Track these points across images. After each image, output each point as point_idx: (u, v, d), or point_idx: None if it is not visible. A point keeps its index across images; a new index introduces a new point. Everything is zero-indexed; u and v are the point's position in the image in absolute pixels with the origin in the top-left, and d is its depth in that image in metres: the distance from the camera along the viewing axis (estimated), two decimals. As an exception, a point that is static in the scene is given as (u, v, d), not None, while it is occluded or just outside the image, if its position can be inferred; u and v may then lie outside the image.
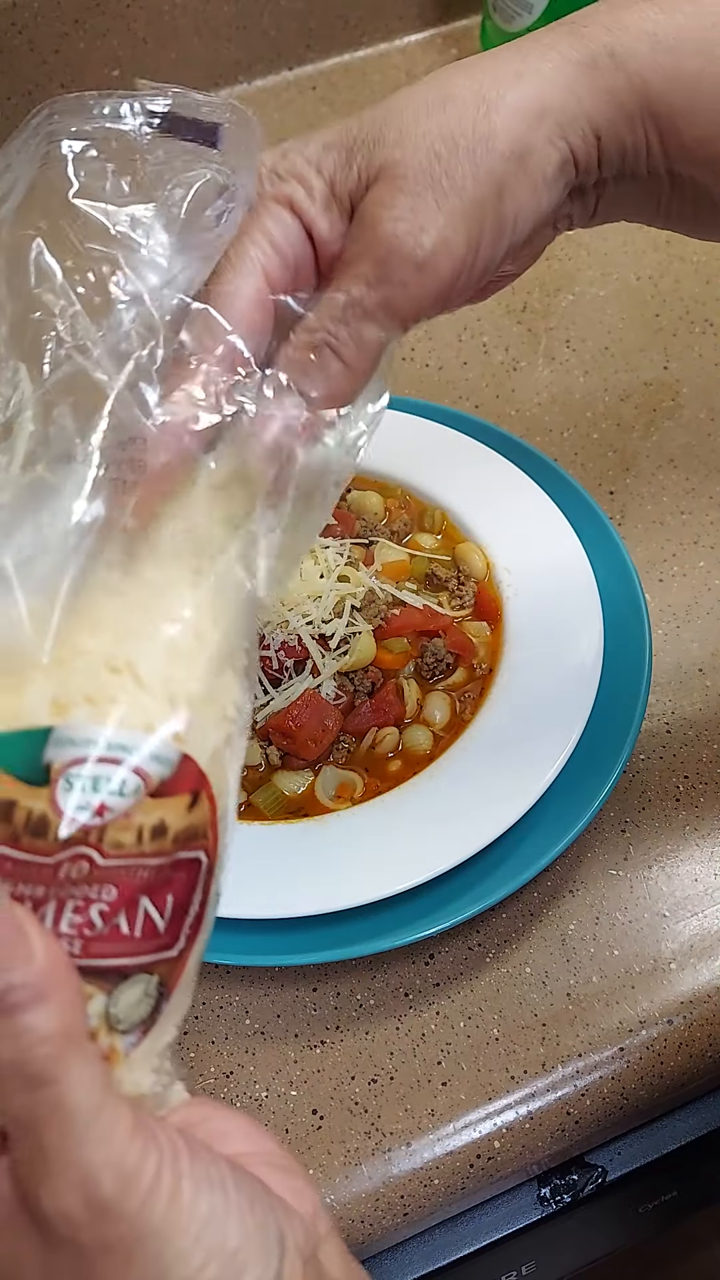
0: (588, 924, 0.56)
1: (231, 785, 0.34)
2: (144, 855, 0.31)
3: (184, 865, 0.32)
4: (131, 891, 0.31)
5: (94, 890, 0.30)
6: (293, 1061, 0.51)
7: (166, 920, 0.31)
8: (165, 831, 0.31)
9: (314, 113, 0.93)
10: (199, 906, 0.32)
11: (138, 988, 0.31)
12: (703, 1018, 0.53)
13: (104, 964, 0.31)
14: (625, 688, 0.58)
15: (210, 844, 0.32)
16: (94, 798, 0.30)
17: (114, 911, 0.31)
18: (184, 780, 0.31)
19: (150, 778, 0.31)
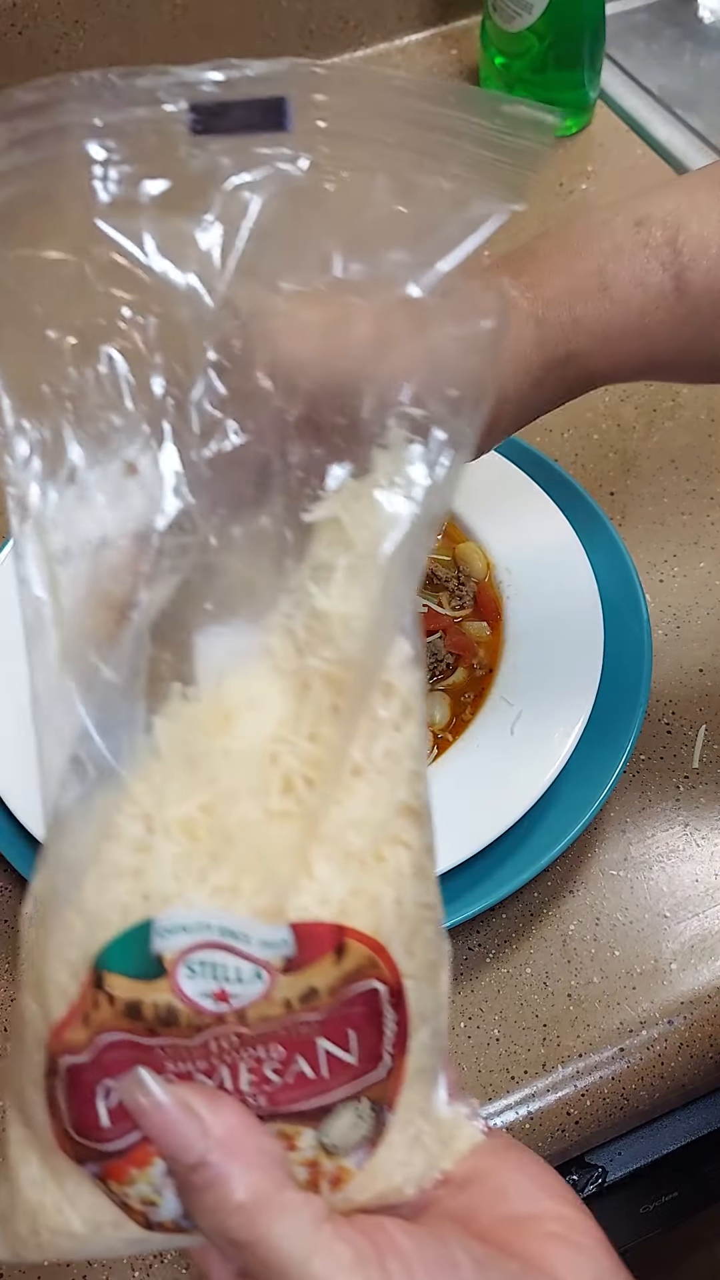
0: (588, 924, 0.56)
1: (410, 893, 0.31)
2: (299, 1015, 0.29)
3: (358, 1000, 0.30)
4: (300, 1045, 0.29)
5: (258, 1051, 0.29)
6: (293, 1062, 0.51)
7: (357, 1052, 0.30)
8: (316, 993, 0.29)
9: (314, 113, 0.92)
10: (396, 1024, 0.30)
11: (347, 1116, 0.30)
12: (703, 1018, 0.53)
13: (298, 1108, 0.30)
14: (625, 688, 0.58)
15: (384, 970, 0.30)
16: (213, 985, 0.29)
17: (288, 1064, 0.29)
18: (316, 946, 0.29)
19: (271, 962, 0.29)
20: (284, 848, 0.29)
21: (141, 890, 0.29)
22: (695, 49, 0.97)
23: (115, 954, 0.29)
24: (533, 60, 0.86)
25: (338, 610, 0.30)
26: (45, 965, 0.30)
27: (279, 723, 0.30)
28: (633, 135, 0.90)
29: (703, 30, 0.99)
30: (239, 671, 0.31)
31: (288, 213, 0.30)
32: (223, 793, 0.30)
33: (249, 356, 0.31)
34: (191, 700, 0.30)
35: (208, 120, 0.29)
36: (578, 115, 0.89)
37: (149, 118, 0.30)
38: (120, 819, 0.30)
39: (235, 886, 0.29)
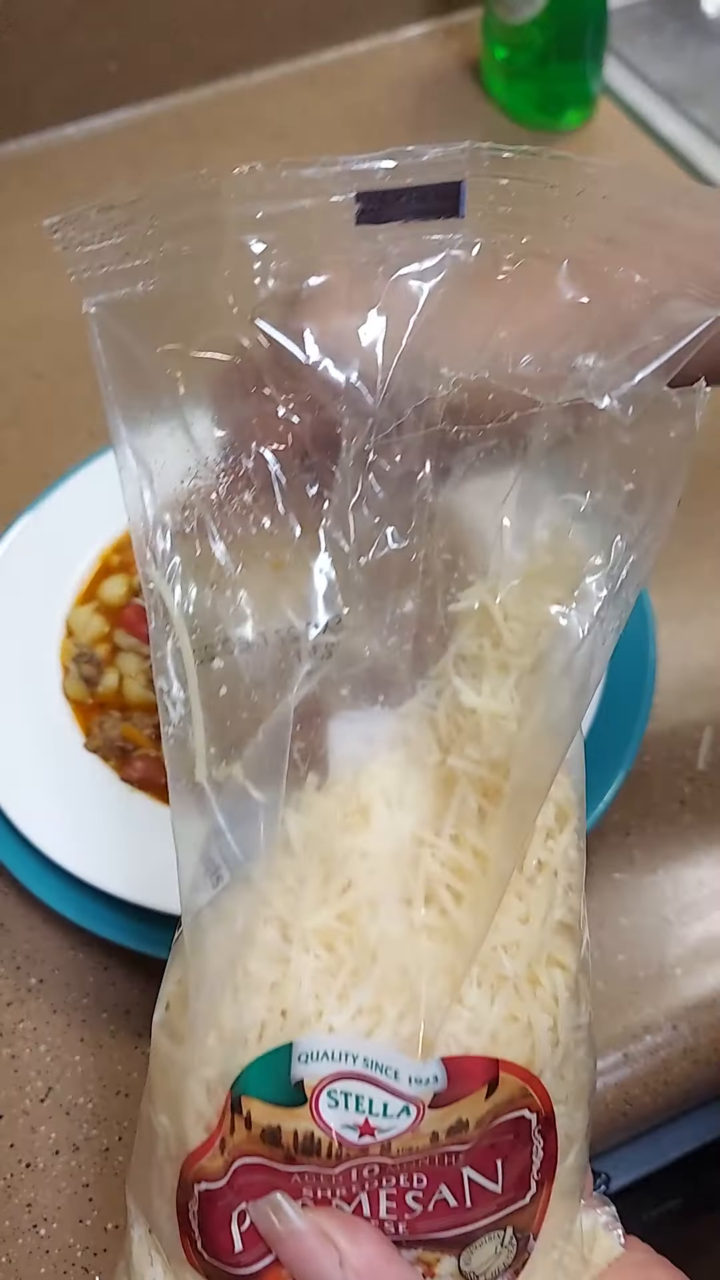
0: (592, 929, 0.55)
1: (565, 1017, 0.29)
2: (445, 1146, 0.28)
3: (506, 1128, 0.29)
4: (444, 1174, 0.28)
5: (400, 1180, 0.28)
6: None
7: (503, 1181, 0.29)
8: (464, 1125, 0.28)
9: (314, 107, 0.92)
10: (544, 1151, 0.29)
11: (489, 1244, 0.29)
12: (709, 1024, 0.53)
13: (438, 1236, 0.29)
14: (629, 689, 0.57)
15: (536, 1100, 0.29)
16: (357, 1117, 0.27)
17: (430, 1193, 0.28)
18: (468, 1081, 0.28)
19: (420, 1098, 0.27)
20: (430, 969, 0.27)
21: (280, 1006, 0.27)
22: (699, 42, 0.96)
23: (254, 1078, 0.27)
24: (535, 54, 0.86)
25: (487, 708, 0.29)
26: (180, 1081, 0.28)
27: (419, 821, 0.29)
28: (636, 129, 0.89)
29: (706, 24, 0.98)
30: (374, 761, 0.29)
31: (457, 301, 0.29)
32: (361, 901, 0.28)
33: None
34: (325, 792, 0.29)
35: (376, 208, 0.28)
36: (581, 109, 0.89)
37: (314, 209, 0.29)
38: (254, 923, 0.28)
39: (378, 1008, 0.27)
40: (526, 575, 0.29)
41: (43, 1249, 0.46)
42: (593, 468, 0.29)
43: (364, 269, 0.29)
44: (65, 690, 0.57)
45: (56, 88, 0.89)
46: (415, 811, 0.29)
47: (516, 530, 0.29)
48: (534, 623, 0.29)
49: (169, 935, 0.50)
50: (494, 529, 0.29)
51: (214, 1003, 0.28)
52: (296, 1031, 0.27)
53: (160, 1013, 0.31)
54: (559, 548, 0.29)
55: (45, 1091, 0.49)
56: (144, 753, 0.55)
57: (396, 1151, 0.28)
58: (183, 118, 0.92)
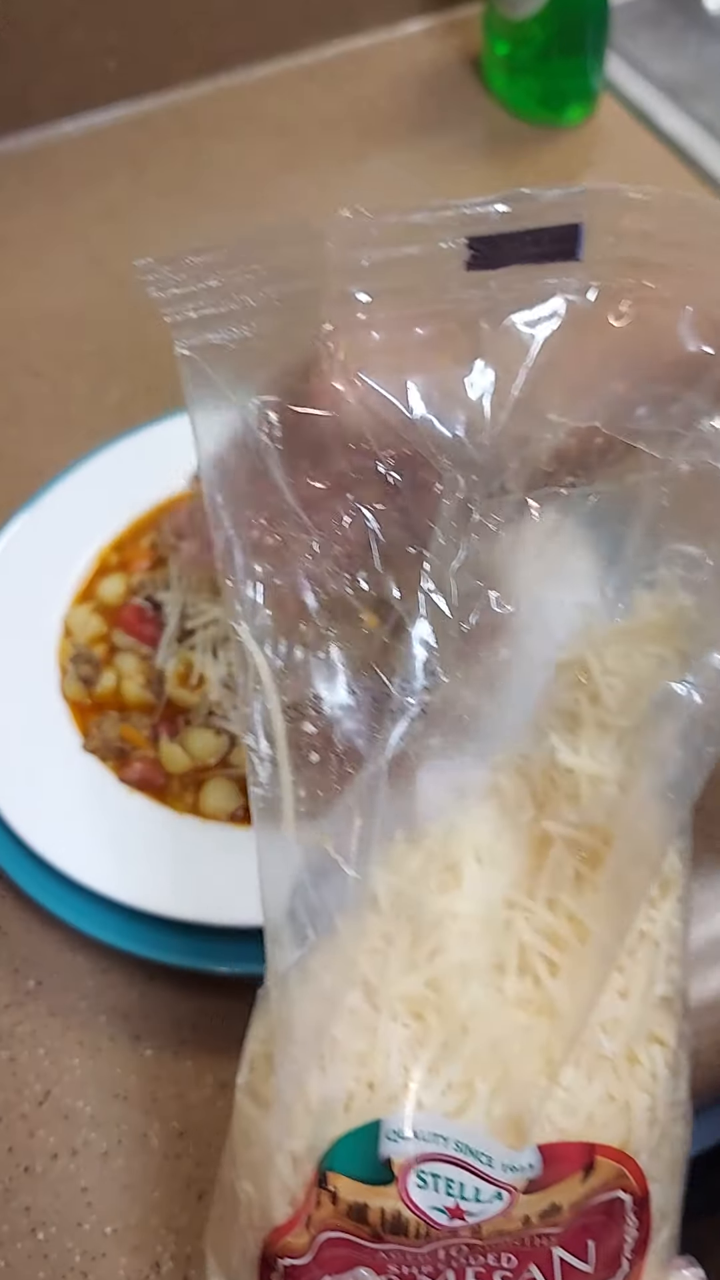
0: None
1: (663, 1096, 0.28)
2: (537, 1228, 0.27)
3: (600, 1209, 0.28)
4: (535, 1254, 0.28)
5: (488, 1259, 0.27)
6: (292, 1072, 0.50)
7: (595, 1260, 0.28)
8: (558, 1209, 0.27)
9: (315, 102, 0.91)
10: (638, 1230, 0.29)
11: None
12: (711, 1027, 0.52)
13: None
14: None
15: (631, 1181, 0.28)
16: (448, 1200, 0.27)
17: (519, 1272, 0.28)
18: (564, 1166, 0.27)
19: (513, 1184, 0.27)
20: (524, 1045, 0.26)
21: (368, 1078, 0.26)
22: (701, 38, 0.95)
23: (341, 1154, 0.27)
24: (536, 49, 0.85)
25: (586, 769, 0.27)
26: (265, 1152, 0.27)
27: (511, 882, 0.27)
28: (638, 125, 0.88)
29: (708, 19, 0.97)
30: (465, 815, 0.28)
31: (571, 345, 0.27)
32: (452, 967, 0.27)
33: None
34: (413, 845, 0.28)
35: (488, 253, 0.27)
36: (582, 105, 0.88)
37: (421, 255, 0.27)
38: (340, 986, 0.27)
39: (469, 1084, 0.26)
40: (628, 630, 0.27)
41: (41, 1253, 0.45)
42: (710, 520, 0.27)
43: (473, 317, 0.27)
44: (63, 690, 0.57)
45: (55, 83, 0.88)
46: (507, 870, 0.27)
47: (620, 580, 0.28)
48: (636, 681, 0.27)
49: (167, 938, 0.50)
50: (595, 578, 0.28)
51: (300, 1070, 0.27)
52: (385, 1107, 0.26)
53: (244, 1074, 0.29)
54: (666, 603, 0.27)
55: (43, 1095, 0.49)
56: (142, 754, 0.55)
57: (486, 1234, 0.27)
58: (182, 113, 0.91)
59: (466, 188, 0.86)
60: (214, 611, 0.57)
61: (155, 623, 0.59)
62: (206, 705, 0.56)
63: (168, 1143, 0.48)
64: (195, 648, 0.57)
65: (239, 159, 0.88)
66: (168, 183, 0.87)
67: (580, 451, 0.28)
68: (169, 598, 0.59)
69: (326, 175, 0.86)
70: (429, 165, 0.86)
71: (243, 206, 0.85)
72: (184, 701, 0.56)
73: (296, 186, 0.86)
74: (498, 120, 0.89)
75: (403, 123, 0.90)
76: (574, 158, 0.86)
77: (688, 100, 0.89)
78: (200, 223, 0.84)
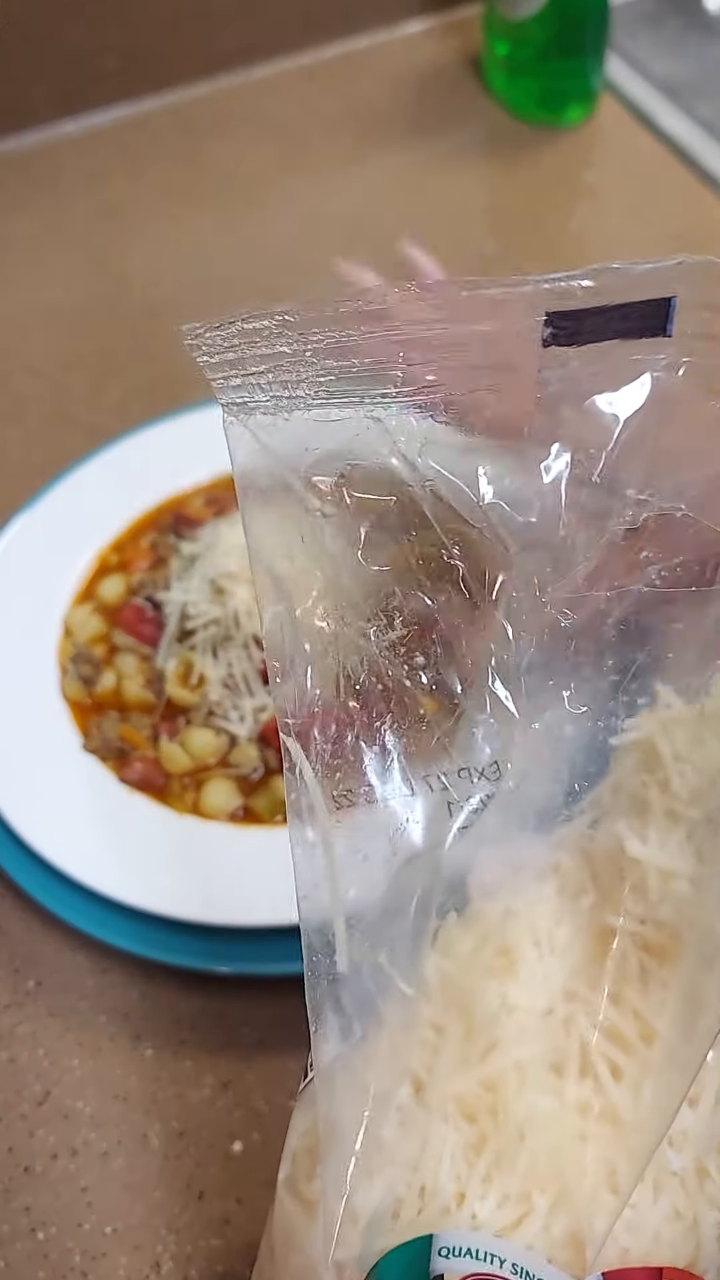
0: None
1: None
2: None
3: None
4: None
5: None
6: (291, 1072, 0.50)
7: None
8: None
9: (314, 103, 0.91)
10: None
11: None
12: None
13: None
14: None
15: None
16: None
17: None
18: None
19: None
20: (585, 1156, 0.24)
21: (419, 1183, 0.25)
22: (701, 38, 0.95)
23: (390, 1268, 0.25)
24: (536, 50, 0.85)
25: (655, 862, 0.25)
26: (308, 1259, 0.26)
27: (571, 971, 0.26)
28: (638, 125, 0.88)
29: (708, 20, 0.97)
30: (522, 894, 0.26)
31: (655, 423, 0.26)
32: (508, 1067, 0.25)
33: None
34: (466, 925, 0.26)
35: (569, 329, 0.25)
36: (582, 105, 0.88)
37: (495, 332, 0.25)
38: (388, 1079, 0.25)
39: (526, 1196, 0.24)
40: (703, 713, 0.26)
41: (41, 1253, 0.45)
42: None
43: (552, 397, 0.26)
44: (63, 690, 0.57)
45: (54, 83, 0.88)
46: (567, 958, 0.26)
47: (695, 661, 0.26)
48: (709, 770, 0.26)
49: (167, 938, 0.50)
50: (667, 658, 0.26)
51: (343, 1174, 0.25)
52: (437, 1220, 0.24)
53: (286, 1169, 0.28)
54: None
55: (43, 1095, 0.49)
56: (142, 754, 0.55)
57: None
58: (181, 113, 0.91)
59: (466, 188, 0.86)
60: (214, 611, 0.57)
61: (155, 623, 0.59)
62: (206, 705, 0.55)
63: (168, 1143, 0.48)
64: (195, 648, 0.57)
65: (238, 159, 0.88)
66: (167, 183, 0.87)
67: (659, 529, 0.26)
68: (169, 598, 0.59)
69: (326, 176, 0.86)
70: (428, 166, 0.86)
71: (242, 207, 0.85)
72: (184, 701, 0.56)
73: (296, 187, 0.86)
74: (497, 121, 0.89)
75: (402, 123, 0.90)
76: (574, 158, 0.86)
77: (688, 101, 0.89)
78: (201, 223, 0.84)
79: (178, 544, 0.61)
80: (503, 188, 0.85)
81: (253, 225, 0.83)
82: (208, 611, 0.57)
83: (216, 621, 0.57)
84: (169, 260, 0.81)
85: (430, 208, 0.83)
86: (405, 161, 0.87)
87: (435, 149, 0.87)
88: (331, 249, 0.81)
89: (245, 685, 0.56)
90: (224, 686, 0.56)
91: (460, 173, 0.85)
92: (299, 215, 0.84)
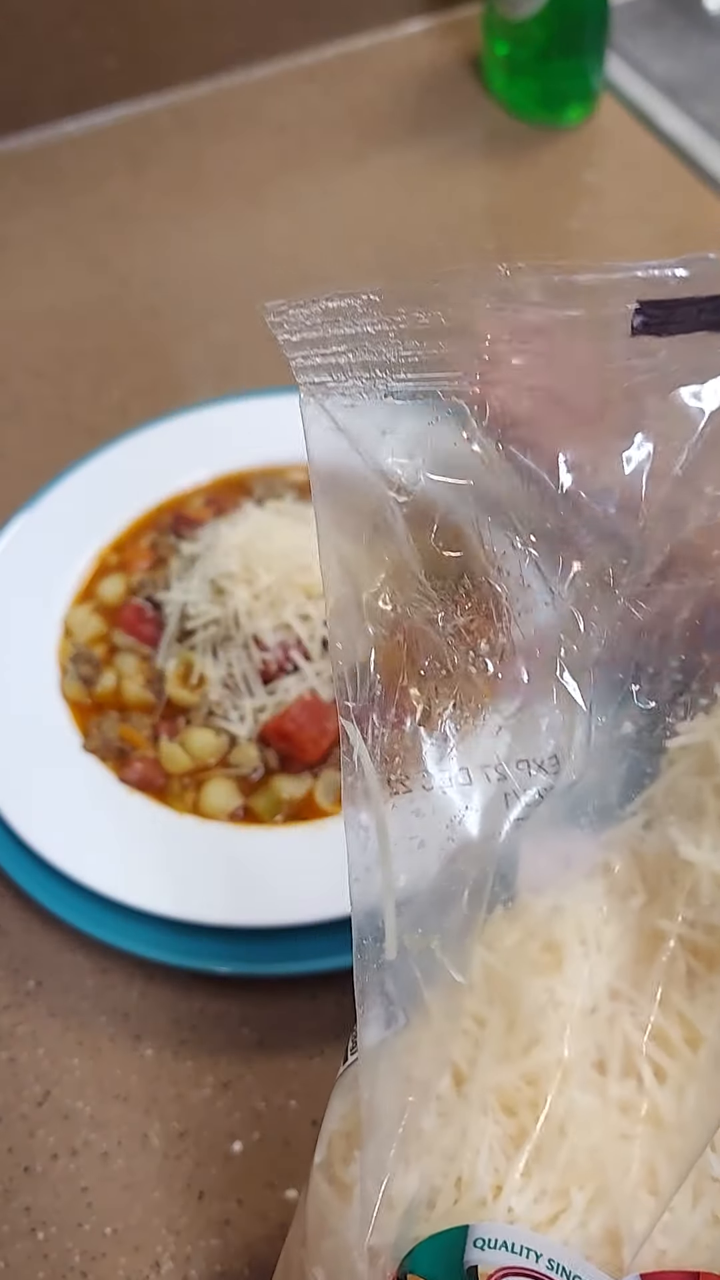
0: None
1: None
2: None
3: None
4: None
5: None
6: (291, 1072, 0.50)
7: None
8: None
9: (315, 103, 0.91)
10: None
11: None
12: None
13: None
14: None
15: None
16: None
17: None
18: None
19: None
20: (625, 1156, 0.24)
21: (455, 1173, 0.25)
22: (701, 38, 0.95)
23: (424, 1258, 0.24)
24: (536, 50, 0.85)
25: (709, 866, 0.25)
26: (342, 1243, 0.26)
27: (617, 971, 0.25)
28: (638, 125, 0.88)
29: (708, 20, 0.97)
30: (569, 891, 0.26)
31: None
32: (550, 1062, 0.25)
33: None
34: (512, 918, 0.26)
35: (659, 319, 0.25)
36: (582, 105, 0.88)
37: (583, 320, 0.25)
38: (428, 1068, 0.25)
39: (564, 1193, 0.24)
40: None
41: (40, 1253, 0.45)
42: None
43: (637, 387, 0.25)
44: (63, 690, 0.57)
45: (55, 83, 0.88)
46: (614, 957, 0.26)
47: None
48: None
49: (167, 938, 0.50)
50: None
51: (382, 1160, 0.25)
52: (474, 1212, 0.24)
53: (322, 1152, 0.28)
54: None
55: (43, 1095, 0.49)
56: (142, 754, 0.55)
57: None
58: (183, 113, 0.91)
59: (466, 188, 0.86)
60: (214, 611, 0.57)
61: (155, 623, 0.59)
62: (206, 705, 0.56)
63: (168, 1143, 0.48)
64: (195, 648, 0.57)
65: (239, 159, 0.88)
66: (168, 182, 0.87)
67: None
68: (169, 597, 0.59)
69: (326, 176, 0.86)
70: (428, 166, 0.86)
71: (243, 206, 0.85)
72: (184, 701, 0.56)
73: (296, 186, 0.86)
74: (497, 121, 0.89)
75: (402, 123, 0.90)
76: (574, 158, 0.86)
77: (688, 101, 0.89)
78: (202, 223, 0.84)
79: (177, 544, 0.61)
80: (503, 188, 0.85)
81: (253, 225, 0.83)
82: (208, 611, 0.57)
83: (216, 621, 0.57)
84: (169, 260, 0.81)
85: (430, 208, 0.83)
86: (405, 161, 0.87)
87: (435, 149, 0.87)
88: (332, 248, 0.81)
89: (245, 685, 0.56)
90: (224, 686, 0.56)
91: (460, 173, 0.85)
92: (299, 215, 0.84)
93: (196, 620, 0.57)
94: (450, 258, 0.72)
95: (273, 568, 0.57)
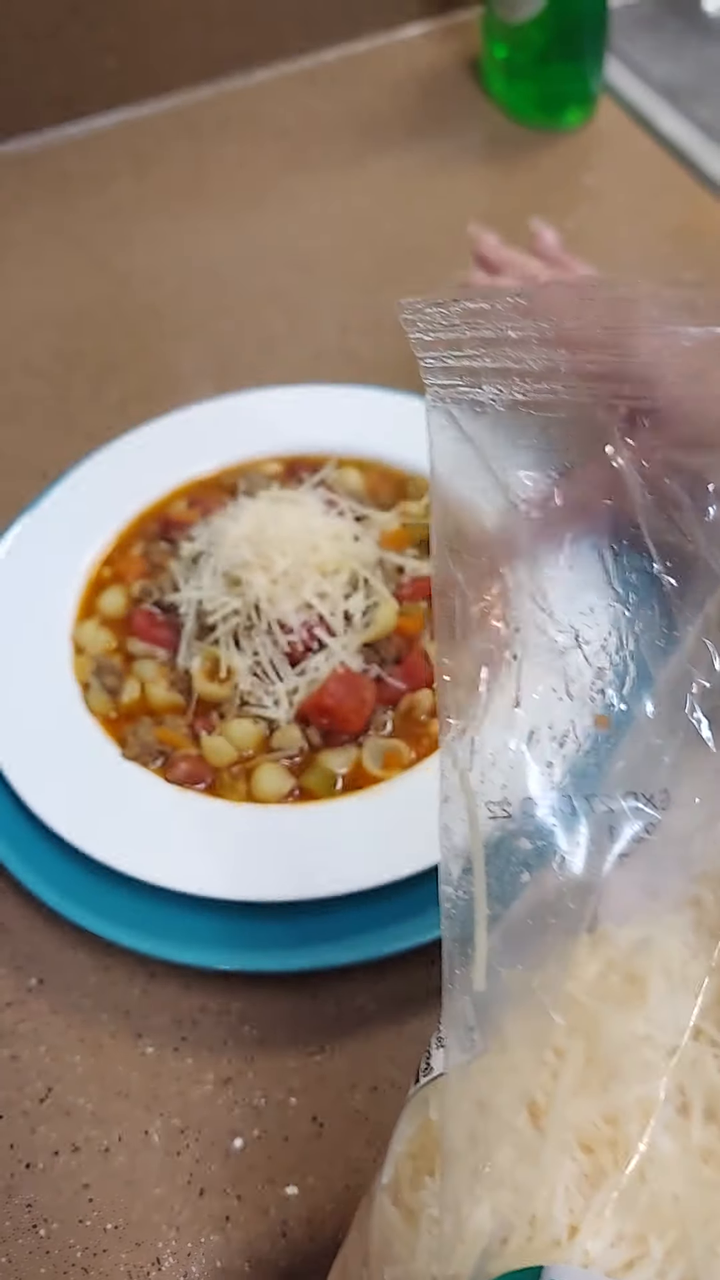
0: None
1: None
2: None
3: None
4: None
5: None
6: (292, 1069, 0.50)
7: None
8: None
9: (315, 106, 0.91)
10: None
11: None
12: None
13: None
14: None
15: None
16: None
17: None
18: None
19: None
20: (707, 1206, 0.23)
21: (530, 1210, 0.24)
22: (700, 41, 0.96)
23: None
24: (535, 53, 0.85)
25: None
26: (409, 1272, 0.25)
27: (702, 1010, 0.24)
28: (637, 128, 0.89)
29: (707, 22, 0.98)
30: (655, 923, 0.25)
31: None
32: (631, 1102, 0.24)
33: None
34: (594, 947, 0.25)
35: None
36: (581, 108, 0.88)
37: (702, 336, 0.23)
38: (504, 1098, 0.24)
39: (642, 1239, 0.23)
40: None
41: (42, 1249, 0.45)
42: None
43: None
44: (88, 705, 0.57)
45: (56, 86, 0.89)
46: (698, 997, 0.25)
47: None
48: None
49: (167, 936, 0.50)
50: None
51: (454, 1190, 0.24)
52: (548, 1251, 0.23)
53: (388, 1173, 0.27)
54: None
55: (45, 1092, 0.49)
56: (184, 753, 0.55)
57: None
58: (183, 116, 0.92)
59: (465, 191, 0.87)
60: (233, 603, 0.57)
61: (168, 625, 0.59)
62: (238, 696, 0.56)
63: (169, 1139, 0.48)
64: (217, 642, 0.57)
65: (240, 162, 0.88)
66: (169, 185, 0.87)
67: None
68: (181, 598, 0.59)
69: (326, 178, 0.86)
70: (428, 168, 0.86)
71: (243, 209, 0.85)
72: (214, 696, 0.56)
73: (296, 189, 0.86)
74: (497, 124, 0.89)
75: (402, 126, 0.90)
76: (573, 161, 0.87)
77: (686, 103, 0.90)
78: (202, 225, 0.84)
79: (173, 547, 0.62)
80: (502, 190, 0.85)
81: (253, 227, 0.83)
82: (227, 604, 0.57)
83: (236, 612, 0.57)
84: (170, 261, 0.82)
85: (430, 210, 0.83)
86: (405, 164, 0.87)
87: (435, 152, 0.87)
88: (331, 251, 0.82)
89: (274, 670, 0.56)
90: (253, 675, 0.56)
91: (459, 175, 0.86)
92: (299, 217, 0.84)
93: (215, 614, 0.57)
94: (450, 260, 0.72)
95: (287, 551, 0.57)
